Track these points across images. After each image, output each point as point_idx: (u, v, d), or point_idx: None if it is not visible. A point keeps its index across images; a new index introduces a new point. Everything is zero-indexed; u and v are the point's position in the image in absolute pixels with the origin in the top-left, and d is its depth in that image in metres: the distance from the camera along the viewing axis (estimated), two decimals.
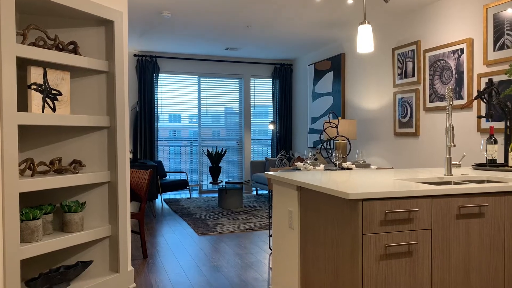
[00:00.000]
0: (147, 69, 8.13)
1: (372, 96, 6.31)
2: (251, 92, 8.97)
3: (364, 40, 2.48)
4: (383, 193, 1.93)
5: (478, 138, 4.43)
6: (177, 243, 4.68)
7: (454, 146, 2.50)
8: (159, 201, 7.62)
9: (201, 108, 8.69)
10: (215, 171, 7.11)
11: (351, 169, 4.51)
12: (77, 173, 2.86)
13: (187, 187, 7.70)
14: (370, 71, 6.34)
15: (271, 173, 2.79)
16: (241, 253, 4.25)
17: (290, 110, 9.08)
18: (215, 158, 7.15)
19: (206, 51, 8.11)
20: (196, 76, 8.63)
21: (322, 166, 4.25)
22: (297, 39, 7.01)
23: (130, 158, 6.82)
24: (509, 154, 3.00)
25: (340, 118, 6.96)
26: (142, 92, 8.10)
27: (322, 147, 5.03)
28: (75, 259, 3.05)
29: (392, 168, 4.66)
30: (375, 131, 6.23)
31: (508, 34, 4.12)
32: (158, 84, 8.32)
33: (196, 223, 5.67)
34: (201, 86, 8.66)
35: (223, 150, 8.44)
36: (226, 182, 6.90)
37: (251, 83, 8.96)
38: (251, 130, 8.98)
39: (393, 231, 1.96)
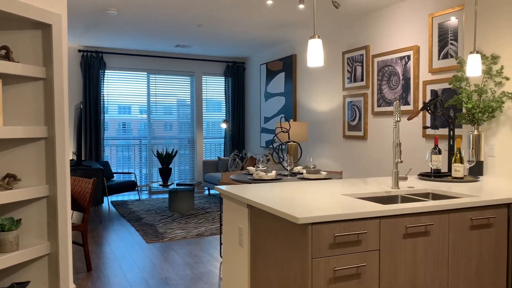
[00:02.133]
0: (92, 65, 7.77)
1: (323, 98, 6.37)
2: (203, 90, 8.81)
3: (314, 54, 2.45)
4: (333, 216, 1.91)
5: (424, 143, 4.57)
6: (124, 253, 4.50)
7: (401, 162, 2.54)
8: (106, 204, 7.33)
9: (151, 108, 8.43)
10: (165, 173, 6.93)
11: (302, 173, 4.53)
12: (11, 188, 2.65)
13: (136, 189, 7.46)
14: (321, 73, 6.40)
15: (221, 187, 2.71)
16: (191, 263, 4.15)
17: (243, 109, 9.02)
18: (165, 159, 6.96)
19: (156, 47, 7.86)
20: (145, 73, 8.36)
21: (273, 172, 4.23)
22: (249, 38, 6.94)
23: (74, 161, 6.50)
24: (452, 165, 3.09)
25: (291, 120, 6.98)
26: (87, 89, 7.73)
27: (274, 152, 5.01)
28: (10, 280, 2.83)
29: (341, 172, 4.72)
30: (326, 133, 6.30)
31: (451, 44, 4.26)
32: (105, 81, 7.98)
33: (145, 229, 5.50)
34: (150, 83, 8.40)
35: (174, 151, 8.24)
36: (177, 184, 6.73)
37: (203, 81, 8.80)
38: (204, 129, 8.84)
39: (342, 253, 1.94)
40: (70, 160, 6.85)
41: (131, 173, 7.93)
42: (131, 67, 8.17)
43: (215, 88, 8.98)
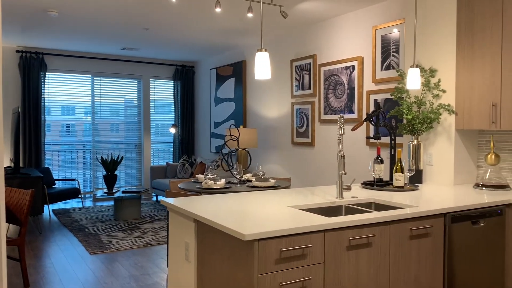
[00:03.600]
0: (32, 66, 7.37)
1: (272, 105, 6.43)
2: (151, 94, 8.62)
3: (262, 67, 2.46)
4: (279, 231, 1.92)
5: (368, 151, 4.73)
6: (66, 266, 4.29)
7: (345, 174, 2.60)
8: (47, 213, 6.97)
9: (95, 110, 8.14)
10: (110, 180, 6.70)
11: (251, 181, 4.54)
12: None
13: (79, 196, 7.16)
14: (271, 80, 6.46)
15: (168, 200, 2.65)
16: (137, 275, 4.03)
17: (193, 114, 8.92)
18: (110, 165, 6.73)
19: (101, 50, 7.59)
20: (90, 76, 8.05)
21: (222, 180, 4.21)
22: (199, 43, 6.88)
23: (10, 169, 6.13)
24: (393, 174, 3.22)
25: (241, 126, 6.99)
26: (26, 92, 7.33)
27: (224, 160, 4.99)
28: None
29: (290, 179, 4.78)
30: (275, 139, 6.37)
31: (393, 56, 4.45)
32: (46, 83, 7.60)
33: (88, 239, 5.28)
34: (95, 86, 8.10)
35: (119, 157, 8.00)
36: (123, 192, 6.53)
37: (151, 84, 8.61)
38: (152, 133, 8.64)
39: (287, 268, 1.96)
40: (6, 167, 6.45)
41: (74, 179, 7.59)
42: (75, 69, 7.84)
43: (163, 92, 8.81)
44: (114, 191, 6.74)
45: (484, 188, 3.17)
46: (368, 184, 3.28)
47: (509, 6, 3.05)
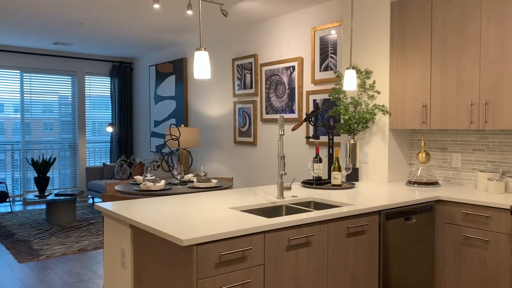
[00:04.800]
0: None
1: (214, 103, 6.37)
2: (86, 91, 8.23)
3: (201, 66, 2.41)
4: (218, 235, 1.88)
5: (308, 149, 4.82)
6: None
7: (285, 174, 2.62)
8: None
9: (25, 107, 7.63)
10: (42, 182, 6.31)
11: (193, 182, 4.46)
12: None
13: (8, 200, 6.68)
14: (212, 79, 6.39)
15: (102, 205, 2.53)
16: (71, 282, 3.82)
17: (131, 112, 8.63)
18: (42, 167, 6.34)
19: (30, 44, 7.12)
20: (19, 71, 7.53)
21: (162, 182, 4.10)
22: (137, 39, 6.65)
23: None
24: (331, 173, 3.30)
25: (182, 125, 6.86)
26: None
27: (163, 160, 4.86)
28: None
29: (232, 178, 4.76)
30: (217, 138, 6.32)
31: (331, 57, 4.56)
32: None
33: (17, 246, 4.94)
34: (24, 82, 7.59)
35: (52, 158, 7.56)
36: (56, 195, 6.18)
37: (86, 81, 8.22)
38: (87, 133, 8.26)
39: (227, 272, 1.93)
40: None
41: (1, 182, 7.07)
42: (1, 64, 7.30)
43: (100, 89, 8.44)
44: (46, 194, 6.35)
45: (415, 185, 3.33)
46: (307, 183, 3.34)
47: (438, 14, 3.22)
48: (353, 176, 3.65)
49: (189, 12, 4.21)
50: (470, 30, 3.04)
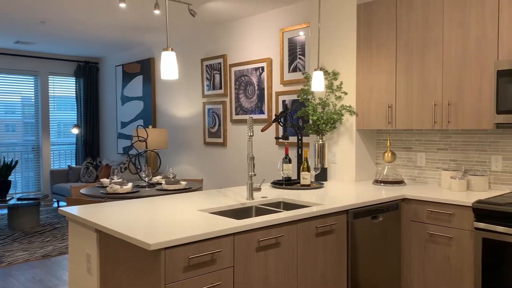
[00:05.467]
0: None
1: (183, 104, 6.31)
2: (50, 92, 7.97)
3: (168, 67, 2.38)
4: (187, 238, 1.86)
5: (277, 150, 4.84)
6: None
7: (255, 175, 2.62)
8: None
9: None
10: (3, 186, 6.07)
11: (161, 184, 4.40)
12: None
13: None
14: (181, 79, 6.33)
15: (66, 209, 2.45)
16: None
17: (97, 113, 8.42)
18: (3, 170, 6.10)
19: None
20: None
21: (129, 184, 4.02)
22: (103, 38, 6.50)
23: None
24: (300, 173, 3.32)
25: (150, 126, 6.76)
26: None
27: (131, 162, 4.77)
28: None
29: (202, 180, 4.72)
30: (187, 139, 6.25)
31: (300, 58, 4.59)
32: None
33: None
34: None
35: (14, 161, 7.29)
36: (18, 199, 5.96)
37: (50, 81, 7.97)
38: (51, 135, 8.00)
39: (196, 275, 1.91)
40: None
41: None
42: None
43: (64, 89, 8.20)
44: (8, 198, 6.11)
45: (382, 184, 3.40)
46: (277, 184, 3.35)
47: (403, 17, 3.30)
48: (322, 176, 3.69)
49: (157, 12, 4.15)
50: (433, 33, 3.13)
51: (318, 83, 3.35)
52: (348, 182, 3.61)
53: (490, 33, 2.84)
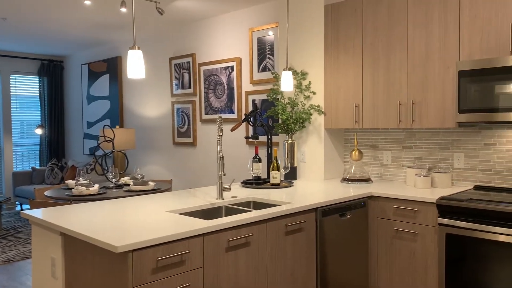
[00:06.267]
0: None
1: (151, 103, 6.22)
2: (12, 91, 7.68)
3: (134, 65, 2.33)
4: (155, 240, 1.83)
5: (248, 149, 4.84)
6: None
7: (224, 175, 2.61)
8: None
9: None
10: None
11: (129, 185, 4.32)
12: None
13: None
14: (149, 78, 6.23)
15: (29, 213, 2.37)
16: None
17: (63, 113, 8.19)
18: None
19: None
20: None
21: (96, 186, 3.93)
22: (68, 36, 6.32)
23: None
24: (270, 172, 3.33)
25: (117, 126, 6.63)
26: None
27: (97, 163, 4.67)
28: None
29: (171, 180, 4.67)
30: (155, 140, 6.17)
31: (269, 58, 4.61)
32: None
33: None
34: None
35: None
36: None
37: (11, 80, 7.68)
38: (13, 135, 7.71)
39: (165, 277, 1.89)
40: None
41: None
42: None
43: (27, 89, 7.92)
44: None
45: (350, 182, 3.46)
46: (247, 183, 3.35)
47: (369, 17, 3.36)
48: (291, 175, 3.72)
49: (123, 10, 4.07)
50: (397, 34, 3.20)
51: (287, 83, 3.37)
52: (317, 181, 3.65)
53: (452, 33, 2.94)
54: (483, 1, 2.79)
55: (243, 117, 4.92)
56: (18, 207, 7.48)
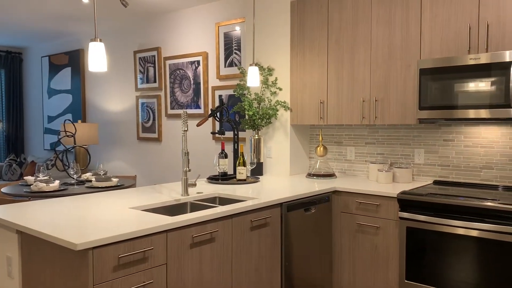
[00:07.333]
0: None
1: (115, 98, 6.07)
2: None
3: (96, 58, 2.27)
4: (116, 237, 1.79)
5: (214, 145, 4.81)
6: None
7: (189, 170, 2.58)
8: None
9: None
10: None
11: (91, 181, 4.21)
12: None
13: None
14: (112, 72, 6.08)
15: None
16: None
17: (21, 107, 7.87)
18: None
19: None
20: None
21: (56, 182, 3.80)
22: (27, 27, 6.07)
23: None
24: (237, 168, 3.33)
25: (79, 121, 6.44)
26: None
27: (58, 159, 4.52)
28: None
29: (135, 176, 4.58)
30: (119, 135, 6.03)
31: (236, 53, 4.59)
32: None
33: None
34: None
35: None
36: None
37: None
38: None
39: (127, 274, 1.85)
40: None
41: None
42: None
43: None
44: None
45: (315, 177, 3.50)
46: (213, 179, 3.33)
47: (334, 14, 3.40)
48: (257, 171, 3.72)
49: (85, 1, 3.95)
50: (361, 31, 3.26)
51: (253, 79, 3.36)
52: (282, 176, 3.67)
53: (413, 32, 3.02)
54: (443, 2, 2.88)
55: (210, 112, 4.88)
56: None
